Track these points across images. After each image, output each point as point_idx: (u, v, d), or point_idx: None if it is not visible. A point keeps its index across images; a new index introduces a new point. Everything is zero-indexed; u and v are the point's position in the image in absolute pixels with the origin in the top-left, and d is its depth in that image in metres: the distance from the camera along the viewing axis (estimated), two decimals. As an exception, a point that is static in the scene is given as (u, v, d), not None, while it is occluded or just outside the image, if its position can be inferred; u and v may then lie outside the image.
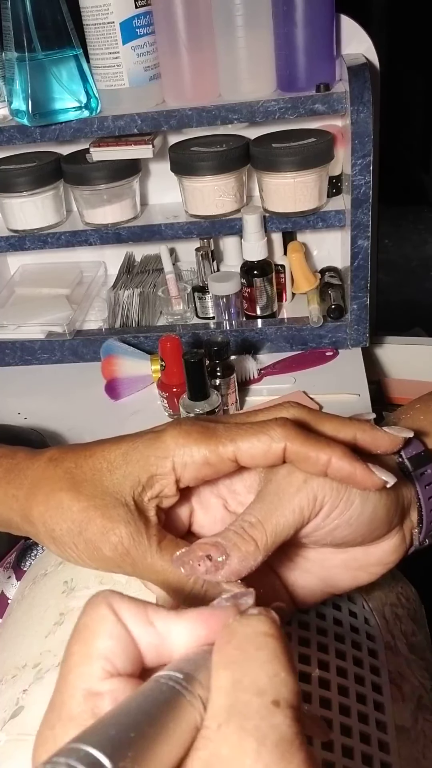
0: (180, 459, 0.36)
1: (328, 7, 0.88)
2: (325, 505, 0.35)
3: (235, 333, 1.01)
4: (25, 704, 0.40)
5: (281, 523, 0.35)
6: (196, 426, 0.36)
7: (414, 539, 0.40)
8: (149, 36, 0.89)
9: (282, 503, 0.35)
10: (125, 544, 0.35)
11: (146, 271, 1.11)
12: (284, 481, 0.36)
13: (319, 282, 1.05)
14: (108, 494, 0.36)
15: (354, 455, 0.35)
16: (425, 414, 0.42)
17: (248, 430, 0.36)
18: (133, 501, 0.36)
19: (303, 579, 0.40)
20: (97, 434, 0.40)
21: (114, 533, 0.35)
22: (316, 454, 0.35)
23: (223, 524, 0.39)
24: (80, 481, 0.37)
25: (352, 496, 0.36)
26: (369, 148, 0.84)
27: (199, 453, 0.36)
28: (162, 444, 0.36)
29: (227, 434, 0.36)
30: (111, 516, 0.35)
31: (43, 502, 0.37)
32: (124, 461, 0.37)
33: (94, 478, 0.37)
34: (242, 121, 0.91)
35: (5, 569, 0.70)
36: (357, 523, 0.36)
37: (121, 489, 0.36)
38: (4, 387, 1.04)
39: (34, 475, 0.38)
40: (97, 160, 0.96)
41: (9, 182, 0.98)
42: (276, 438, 0.35)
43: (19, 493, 0.38)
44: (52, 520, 0.36)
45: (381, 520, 0.37)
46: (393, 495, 0.37)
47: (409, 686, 0.42)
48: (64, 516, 0.36)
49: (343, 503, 0.35)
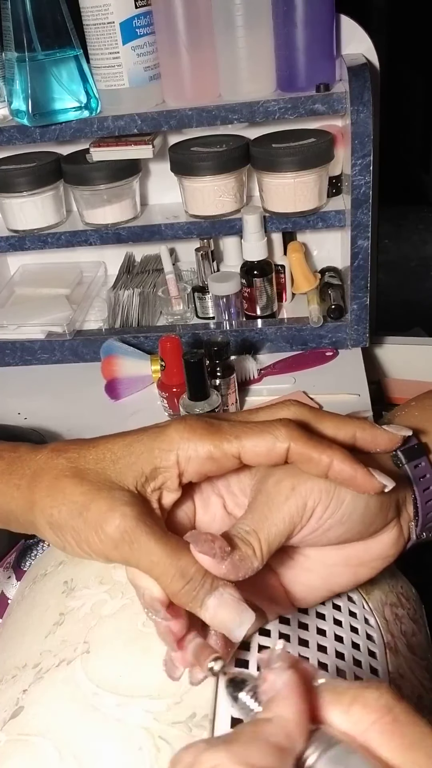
0: (184, 453, 0.36)
1: (328, 8, 0.88)
2: (317, 509, 0.36)
3: (235, 333, 1.01)
4: (24, 704, 0.40)
5: (273, 533, 0.35)
6: (201, 422, 0.37)
7: (411, 532, 0.40)
8: (149, 36, 0.89)
9: (272, 513, 0.36)
10: (129, 523, 0.34)
11: (146, 271, 1.11)
12: (273, 490, 0.36)
13: (319, 282, 1.05)
14: (111, 481, 0.36)
15: (355, 459, 0.36)
16: (420, 411, 0.43)
17: (253, 429, 0.36)
18: (136, 490, 0.36)
19: (303, 577, 0.40)
20: (97, 434, 0.40)
21: (119, 510, 0.35)
22: (318, 456, 0.35)
23: (222, 523, 0.40)
24: (83, 470, 0.37)
25: (342, 495, 0.36)
26: (369, 148, 0.84)
27: (204, 448, 0.36)
28: (167, 437, 0.37)
29: (232, 431, 0.36)
30: (115, 496, 0.35)
31: (45, 489, 0.37)
32: (128, 452, 0.37)
33: (97, 468, 0.37)
34: (242, 121, 0.91)
35: (5, 569, 0.70)
36: (350, 521, 0.37)
37: (125, 479, 0.36)
38: (4, 387, 1.04)
39: (37, 466, 0.38)
40: (97, 160, 0.96)
41: (9, 182, 0.98)
42: (280, 438, 0.35)
43: (21, 483, 0.38)
44: (51, 504, 0.36)
45: (375, 514, 0.37)
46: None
47: (409, 686, 0.43)
48: (65, 499, 0.36)
49: (334, 503, 0.36)
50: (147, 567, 0.35)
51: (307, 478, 0.36)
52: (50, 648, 0.43)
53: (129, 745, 0.36)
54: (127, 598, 0.43)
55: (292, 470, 0.37)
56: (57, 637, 0.43)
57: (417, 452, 0.40)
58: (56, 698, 0.39)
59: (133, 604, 0.43)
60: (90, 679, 0.39)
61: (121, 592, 0.44)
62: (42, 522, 0.37)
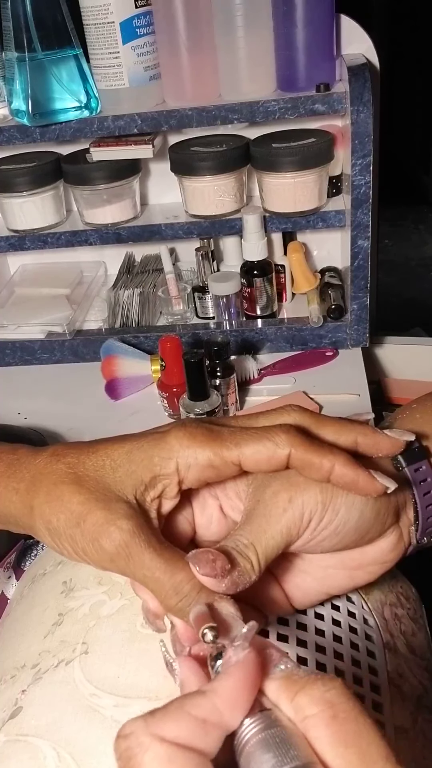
0: (184, 460, 0.36)
1: (328, 7, 0.87)
2: (313, 519, 0.36)
3: (235, 333, 1.01)
4: (23, 705, 0.40)
5: (271, 546, 0.35)
6: (201, 428, 0.36)
7: (411, 537, 0.40)
8: (149, 36, 0.89)
9: (270, 525, 0.36)
10: (125, 537, 0.34)
11: (146, 271, 1.11)
12: (271, 501, 0.36)
13: (319, 282, 1.05)
14: (110, 490, 0.36)
15: (356, 462, 0.35)
16: (422, 414, 0.42)
17: (253, 435, 0.36)
18: (135, 500, 0.36)
19: (300, 580, 0.40)
20: (97, 434, 0.40)
21: (115, 525, 0.35)
22: (319, 461, 0.35)
23: (218, 525, 0.40)
24: (82, 477, 0.37)
25: (336, 506, 0.36)
26: (369, 148, 0.84)
27: (204, 455, 0.36)
28: (166, 445, 0.36)
29: (232, 438, 0.36)
30: (112, 509, 0.35)
31: (43, 494, 0.37)
32: (128, 460, 0.37)
33: (96, 475, 0.37)
34: (242, 121, 0.91)
35: (5, 569, 0.69)
36: (344, 531, 0.36)
37: (124, 487, 0.36)
38: (4, 387, 1.04)
39: (36, 470, 0.38)
40: (97, 160, 0.96)
41: (9, 182, 0.98)
42: (281, 444, 0.35)
43: (20, 486, 0.38)
44: (50, 512, 0.36)
45: (370, 523, 0.37)
46: (383, 496, 0.37)
47: (408, 686, 0.42)
48: (63, 507, 0.36)
49: (329, 515, 0.36)
50: (142, 581, 0.35)
51: (304, 489, 0.36)
52: (49, 648, 0.43)
53: (127, 745, 0.36)
54: (126, 599, 0.43)
55: (288, 481, 0.36)
56: (56, 638, 0.43)
57: (417, 455, 0.39)
58: (55, 699, 0.39)
59: (132, 605, 0.43)
60: (88, 679, 0.39)
61: (119, 593, 0.44)
62: (41, 527, 0.37)
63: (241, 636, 0.27)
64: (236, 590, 0.34)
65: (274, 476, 0.37)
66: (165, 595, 0.34)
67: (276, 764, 0.23)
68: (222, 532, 0.39)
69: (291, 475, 0.36)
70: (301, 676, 0.26)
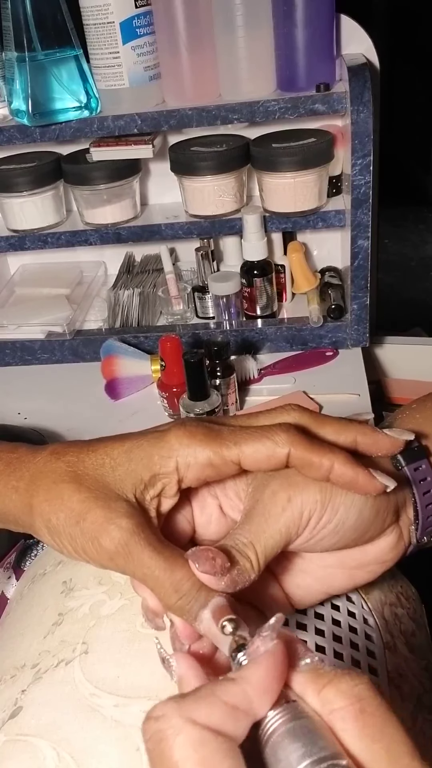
0: (184, 459, 0.36)
1: (328, 7, 0.87)
2: (312, 518, 0.36)
3: (235, 333, 1.01)
4: (23, 704, 0.40)
5: (270, 545, 0.35)
6: (201, 427, 0.37)
7: (411, 536, 0.40)
8: (149, 36, 0.89)
9: (269, 524, 0.36)
10: (125, 536, 0.34)
11: (146, 271, 1.11)
12: (270, 501, 0.36)
13: (319, 282, 1.05)
14: (109, 489, 0.36)
15: (356, 461, 0.35)
16: (421, 413, 0.43)
17: (252, 434, 0.36)
18: (135, 498, 0.36)
19: (300, 579, 0.40)
20: (97, 434, 0.40)
21: (115, 523, 0.35)
22: (319, 460, 0.35)
23: (218, 524, 0.40)
24: (82, 475, 0.37)
25: (335, 506, 0.36)
26: (369, 148, 0.84)
27: (203, 454, 0.36)
28: (166, 444, 0.36)
29: (232, 437, 0.36)
30: (112, 507, 0.35)
31: (43, 493, 0.37)
32: (128, 458, 0.37)
33: (96, 474, 0.37)
34: (242, 121, 0.91)
35: (5, 569, 0.69)
36: (343, 530, 0.36)
37: (123, 486, 0.36)
38: (4, 387, 1.04)
39: (36, 468, 0.38)
40: (97, 160, 0.96)
41: (9, 182, 0.98)
42: (280, 443, 0.35)
43: (19, 485, 0.38)
44: (50, 510, 0.36)
45: (369, 522, 0.37)
46: (382, 495, 0.37)
47: (408, 686, 0.42)
48: (63, 506, 0.36)
49: (328, 514, 0.36)
50: (142, 579, 0.35)
51: (303, 489, 0.36)
52: (49, 648, 0.43)
53: (127, 745, 0.36)
54: (126, 598, 0.43)
55: (287, 480, 0.36)
56: (56, 638, 0.43)
57: (417, 454, 0.39)
58: (55, 699, 0.39)
59: (132, 605, 0.43)
60: (88, 679, 0.39)
61: (119, 593, 0.44)
62: (40, 526, 0.37)
63: (268, 627, 0.27)
64: (235, 589, 0.34)
65: (273, 476, 0.37)
66: (164, 593, 0.34)
67: (304, 754, 0.24)
68: (221, 532, 0.40)
69: (290, 474, 0.37)
70: (327, 670, 0.26)
